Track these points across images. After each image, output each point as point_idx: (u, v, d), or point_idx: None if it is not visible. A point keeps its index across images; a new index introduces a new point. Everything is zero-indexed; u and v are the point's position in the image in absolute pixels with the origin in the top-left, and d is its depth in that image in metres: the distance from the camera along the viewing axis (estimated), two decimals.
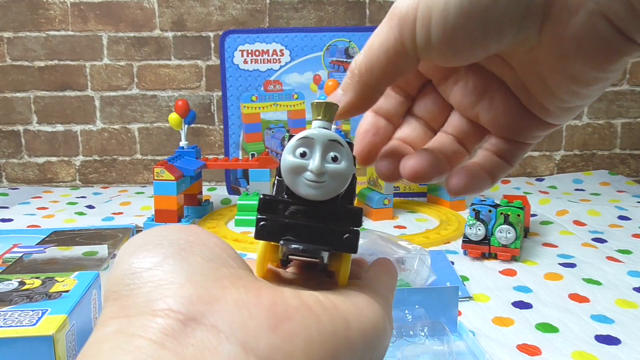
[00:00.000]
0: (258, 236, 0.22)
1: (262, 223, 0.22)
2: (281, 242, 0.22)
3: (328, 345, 0.18)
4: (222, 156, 1.38)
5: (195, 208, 1.09)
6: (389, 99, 0.28)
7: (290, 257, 0.22)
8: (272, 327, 0.17)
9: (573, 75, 0.21)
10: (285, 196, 0.22)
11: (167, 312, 0.17)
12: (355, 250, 0.22)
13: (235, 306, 0.17)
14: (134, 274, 0.18)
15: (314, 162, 0.21)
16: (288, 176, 0.21)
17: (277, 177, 0.23)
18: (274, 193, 0.23)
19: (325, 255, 0.22)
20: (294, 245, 0.21)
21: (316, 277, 0.24)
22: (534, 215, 1.05)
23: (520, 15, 0.20)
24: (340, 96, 0.25)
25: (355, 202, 0.24)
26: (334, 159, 0.21)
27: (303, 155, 0.21)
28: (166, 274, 0.18)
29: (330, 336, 0.18)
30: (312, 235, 0.22)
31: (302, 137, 0.21)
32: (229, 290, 0.18)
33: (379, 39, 0.23)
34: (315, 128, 0.22)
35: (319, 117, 0.22)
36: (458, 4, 0.20)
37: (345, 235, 0.22)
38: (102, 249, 0.71)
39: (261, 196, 0.22)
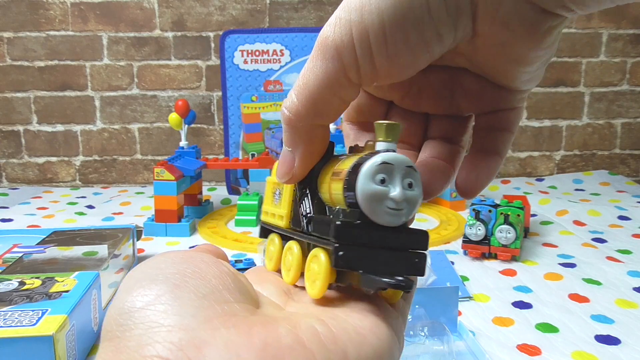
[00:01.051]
0: (338, 265, 0.21)
1: (341, 253, 0.21)
2: (360, 271, 0.21)
3: None
4: (222, 156, 1.38)
5: (195, 208, 1.09)
6: (361, 138, 0.28)
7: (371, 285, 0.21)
8: None
9: (515, 58, 0.22)
10: (359, 222, 0.22)
11: (156, 359, 0.17)
12: (422, 273, 0.22)
13: (224, 350, 0.17)
14: (127, 314, 0.18)
15: (397, 190, 0.21)
16: (368, 204, 0.21)
17: (303, 189, 0.24)
18: (309, 210, 0.24)
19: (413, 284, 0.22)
20: (385, 280, 0.20)
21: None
22: (534, 215, 1.05)
23: (453, 15, 0.20)
24: (290, 153, 0.23)
25: None
26: (410, 185, 0.21)
27: (382, 181, 0.21)
28: (157, 315, 0.18)
29: None
30: (389, 263, 0.21)
31: (382, 163, 0.21)
32: (219, 332, 0.17)
33: (315, 75, 0.21)
34: (389, 152, 0.21)
35: (384, 139, 0.22)
36: (392, 18, 0.19)
37: (415, 260, 0.22)
38: (102, 249, 0.71)
39: (337, 222, 0.21)
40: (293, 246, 0.25)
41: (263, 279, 0.25)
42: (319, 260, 0.22)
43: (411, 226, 0.23)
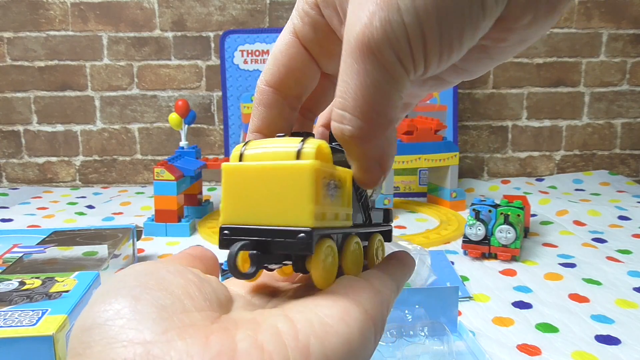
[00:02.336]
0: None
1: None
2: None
3: None
4: (222, 156, 1.38)
5: (195, 208, 1.09)
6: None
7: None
8: None
9: (514, 42, 0.22)
10: None
11: None
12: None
13: None
14: (89, 330, 0.18)
15: None
16: None
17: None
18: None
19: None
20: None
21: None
22: (534, 215, 1.05)
23: None
24: (377, 165, 0.23)
25: None
26: None
27: None
28: (115, 331, 0.18)
29: None
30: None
31: None
32: (174, 344, 0.17)
33: (376, 88, 0.20)
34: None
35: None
36: (450, 15, 0.19)
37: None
38: (102, 249, 0.71)
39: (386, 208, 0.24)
40: (356, 240, 0.24)
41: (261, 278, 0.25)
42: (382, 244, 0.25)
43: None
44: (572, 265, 0.80)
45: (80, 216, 1.11)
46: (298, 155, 0.21)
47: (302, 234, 0.20)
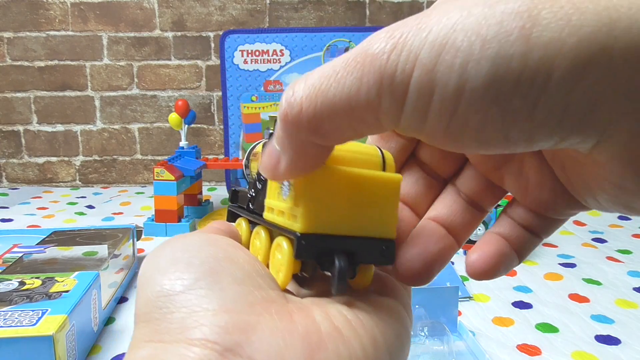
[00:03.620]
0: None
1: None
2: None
3: None
4: (222, 156, 1.38)
5: (195, 208, 1.09)
6: (389, 143, 0.23)
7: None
8: (308, 357, 0.17)
9: (621, 185, 0.16)
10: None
11: (204, 342, 0.16)
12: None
13: (270, 335, 0.17)
14: (167, 297, 0.18)
15: None
16: None
17: None
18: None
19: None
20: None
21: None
22: None
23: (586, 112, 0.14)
24: (277, 152, 0.19)
25: None
26: None
27: None
28: (199, 299, 0.18)
29: None
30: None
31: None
32: (263, 318, 0.18)
33: (340, 90, 0.16)
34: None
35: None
36: (488, 88, 0.14)
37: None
38: (102, 249, 0.70)
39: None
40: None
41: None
42: None
43: None
44: (572, 265, 0.80)
45: (80, 216, 1.11)
46: (383, 164, 0.21)
47: (387, 246, 0.20)
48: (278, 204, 0.21)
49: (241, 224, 0.26)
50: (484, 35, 0.14)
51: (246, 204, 0.26)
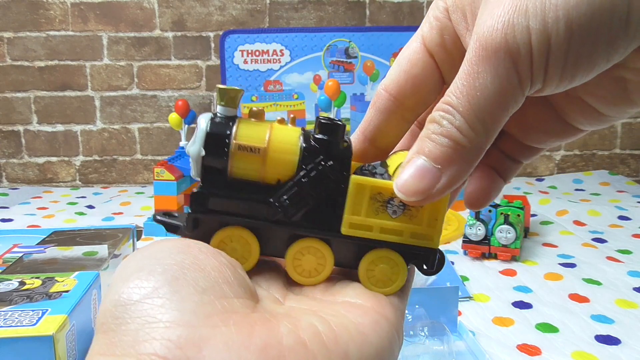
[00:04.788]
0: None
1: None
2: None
3: None
4: None
5: None
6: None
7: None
8: None
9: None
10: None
11: (153, 357, 0.16)
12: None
13: (224, 349, 0.16)
14: (123, 306, 0.17)
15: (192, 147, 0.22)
16: None
17: None
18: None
19: None
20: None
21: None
22: (534, 215, 1.05)
23: (635, 28, 0.17)
24: (437, 171, 0.20)
25: None
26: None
27: None
28: (155, 310, 0.17)
29: None
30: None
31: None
32: (219, 330, 0.17)
33: (489, 93, 0.18)
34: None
35: (225, 104, 0.22)
36: (583, 27, 0.17)
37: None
38: (102, 249, 0.70)
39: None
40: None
41: (262, 269, 0.24)
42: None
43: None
44: (572, 265, 0.80)
45: (80, 216, 1.11)
46: None
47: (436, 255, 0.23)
48: (380, 222, 0.22)
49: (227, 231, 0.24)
50: None
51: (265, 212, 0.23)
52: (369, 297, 0.21)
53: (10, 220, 1.08)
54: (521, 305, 0.67)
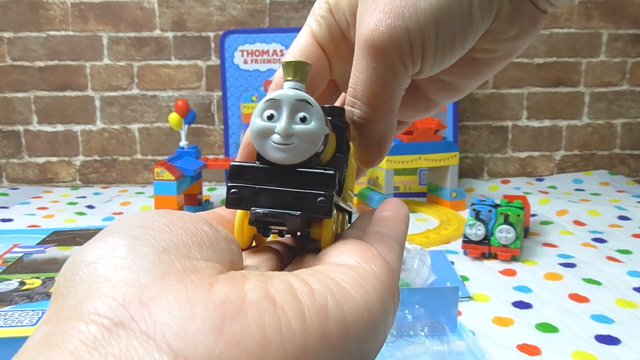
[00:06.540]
0: (229, 205, 0.21)
1: (232, 191, 0.21)
2: (252, 209, 0.21)
3: (292, 347, 0.15)
4: (222, 156, 1.38)
5: (196, 208, 1.09)
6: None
7: (259, 222, 0.21)
8: (217, 329, 0.14)
9: (503, 54, 0.25)
10: (258, 162, 0.21)
11: (92, 316, 0.14)
12: (329, 215, 0.20)
13: (176, 307, 0.15)
14: (77, 268, 0.16)
15: (280, 124, 0.20)
16: (256, 140, 0.20)
17: None
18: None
19: (297, 220, 0.21)
20: (257, 210, 0.20)
21: (308, 249, 0.23)
22: (534, 215, 1.05)
23: (486, 16, 0.23)
24: (376, 146, 0.26)
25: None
26: (303, 120, 0.20)
27: (270, 118, 0.20)
28: (106, 270, 0.16)
29: (298, 335, 0.15)
30: (282, 200, 0.21)
31: (269, 99, 0.20)
32: (172, 288, 0.15)
33: (383, 83, 0.23)
34: (280, 90, 0.21)
35: (289, 78, 0.21)
36: (444, 25, 0.22)
37: (319, 199, 0.20)
38: None
39: (232, 163, 0.21)
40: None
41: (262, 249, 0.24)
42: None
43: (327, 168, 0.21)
44: (572, 265, 0.80)
45: (81, 216, 1.11)
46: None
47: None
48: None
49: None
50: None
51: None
52: (358, 254, 0.20)
53: (10, 220, 1.08)
54: (521, 305, 0.67)
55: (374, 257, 0.20)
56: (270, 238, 0.25)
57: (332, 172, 0.21)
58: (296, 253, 0.25)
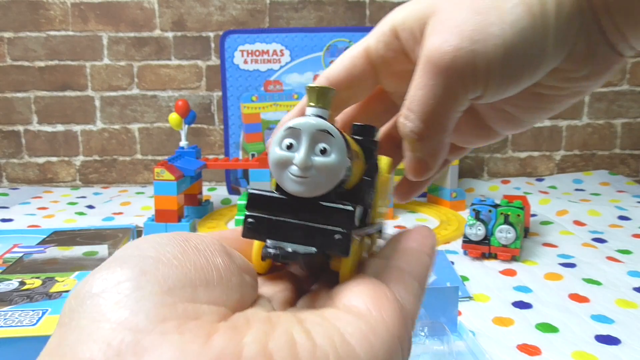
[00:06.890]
0: (245, 235, 0.20)
1: (249, 221, 0.20)
2: (263, 249, 0.20)
3: None
4: (222, 156, 1.38)
5: (196, 208, 1.09)
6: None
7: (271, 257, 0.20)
8: None
9: (571, 93, 0.25)
10: (277, 192, 0.20)
11: None
12: (346, 253, 0.19)
13: (169, 359, 0.15)
14: (81, 299, 0.16)
15: (299, 155, 0.19)
16: (274, 170, 0.20)
17: None
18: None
19: (313, 258, 0.20)
20: (269, 250, 0.20)
21: (326, 274, 0.22)
22: (534, 215, 1.05)
23: (560, 49, 0.22)
24: (424, 160, 0.25)
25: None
26: (323, 152, 0.19)
27: (290, 147, 0.19)
28: (108, 306, 0.16)
29: None
30: (299, 234, 0.20)
31: (289, 128, 0.19)
32: (169, 337, 0.15)
33: (441, 102, 0.23)
34: (301, 117, 0.20)
35: (312, 104, 0.20)
36: (515, 52, 0.22)
37: (336, 237, 0.19)
38: (102, 249, 0.71)
39: (250, 191, 0.20)
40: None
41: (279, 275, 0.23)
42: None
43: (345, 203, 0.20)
44: (572, 265, 0.80)
45: (81, 216, 1.11)
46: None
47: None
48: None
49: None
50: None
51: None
52: (370, 298, 0.19)
53: (10, 220, 1.08)
54: (521, 305, 0.67)
55: (387, 302, 0.19)
56: None
57: (351, 208, 0.19)
58: (316, 276, 0.24)
